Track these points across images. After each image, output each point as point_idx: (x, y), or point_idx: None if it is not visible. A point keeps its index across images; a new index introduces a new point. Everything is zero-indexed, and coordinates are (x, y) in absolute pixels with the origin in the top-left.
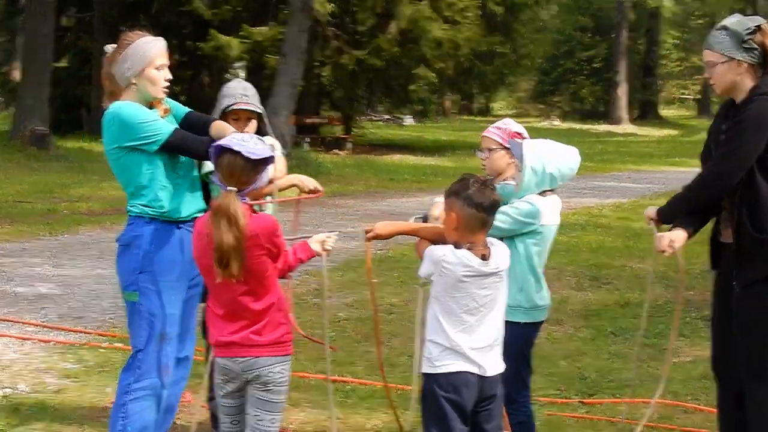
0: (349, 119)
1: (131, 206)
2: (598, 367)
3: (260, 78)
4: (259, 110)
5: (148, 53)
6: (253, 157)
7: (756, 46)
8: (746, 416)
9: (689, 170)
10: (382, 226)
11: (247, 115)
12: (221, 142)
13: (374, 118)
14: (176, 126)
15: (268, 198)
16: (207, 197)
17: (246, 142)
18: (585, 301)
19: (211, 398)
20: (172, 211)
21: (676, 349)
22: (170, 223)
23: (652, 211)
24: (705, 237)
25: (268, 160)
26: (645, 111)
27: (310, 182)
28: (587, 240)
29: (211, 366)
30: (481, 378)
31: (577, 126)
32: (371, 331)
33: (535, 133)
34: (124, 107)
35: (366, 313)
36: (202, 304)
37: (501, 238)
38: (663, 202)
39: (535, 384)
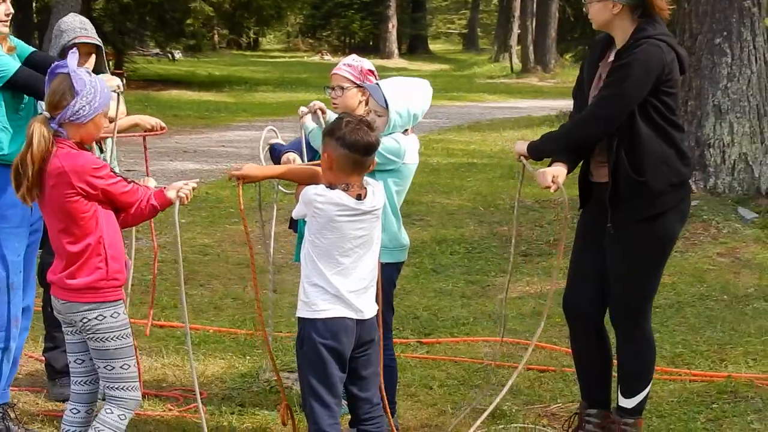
0: (121, 54)
1: None
2: (426, 305)
3: (30, 13)
4: (99, 43)
5: None
6: (74, 77)
7: None
8: (617, 355)
9: (470, 104)
10: (251, 168)
11: (88, 49)
12: (52, 68)
13: (144, 53)
14: (20, 64)
15: (109, 138)
16: None
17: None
18: None
19: (47, 348)
20: (11, 154)
21: (500, 285)
22: (8, 166)
23: (522, 146)
24: (508, 172)
25: (77, 89)
26: (414, 45)
27: (151, 120)
28: None
29: (45, 314)
30: (359, 322)
31: None
32: (191, 273)
33: (306, 67)
34: None
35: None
36: (40, 251)
37: None
38: (453, 137)
39: None
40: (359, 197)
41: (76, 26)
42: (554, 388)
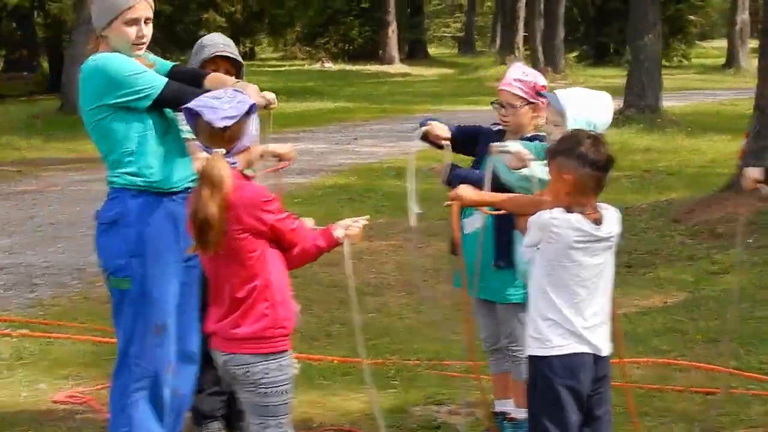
0: None
1: (115, 176)
2: None
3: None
4: (239, 59)
5: (117, 3)
6: (228, 123)
7: None
8: None
9: (487, 108)
10: (468, 192)
11: (226, 67)
12: (191, 105)
13: None
14: (167, 78)
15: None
16: None
17: (219, 99)
18: None
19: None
20: (163, 180)
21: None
22: (161, 195)
23: (755, 172)
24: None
25: (250, 110)
26: (414, 50)
27: (283, 148)
28: None
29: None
30: (597, 358)
31: (349, 67)
32: (301, 297)
33: (309, 75)
34: (109, 58)
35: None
36: None
37: None
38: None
39: None
40: (596, 222)
41: (219, 41)
42: (730, 412)
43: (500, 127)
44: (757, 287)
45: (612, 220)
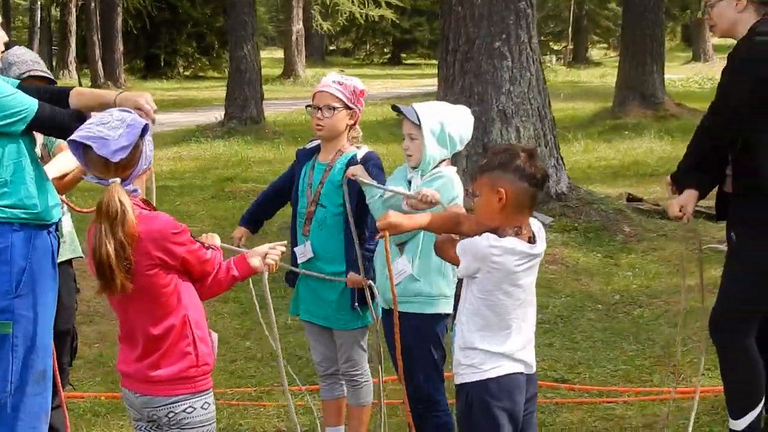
0: None
1: None
2: None
3: None
4: (51, 77)
5: None
6: (123, 155)
7: None
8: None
9: None
10: (400, 217)
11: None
12: (77, 137)
13: None
14: (35, 99)
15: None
16: None
17: (106, 124)
18: None
19: None
20: (44, 211)
21: None
22: (41, 227)
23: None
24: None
25: (144, 132)
26: None
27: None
28: None
29: None
30: (528, 377)
31: None
32: None
33: None
34: None
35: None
36: None
37: None
38: None
39: None
40: (530, 240)
41: (27, 58)
42: None
43: (315, 142)
44: None
45: (542, 234)
